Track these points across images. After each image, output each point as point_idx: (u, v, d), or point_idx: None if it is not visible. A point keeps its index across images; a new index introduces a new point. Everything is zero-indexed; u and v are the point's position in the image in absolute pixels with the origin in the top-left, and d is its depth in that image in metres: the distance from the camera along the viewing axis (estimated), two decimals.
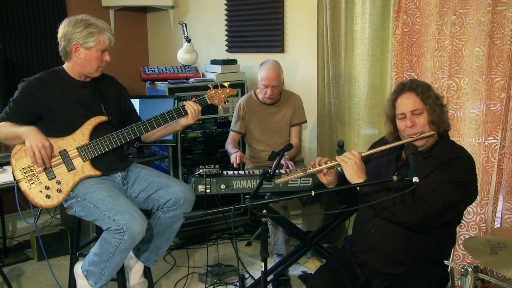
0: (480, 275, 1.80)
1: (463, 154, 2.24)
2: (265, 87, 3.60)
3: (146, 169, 2.80)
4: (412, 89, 2.26)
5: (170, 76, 4.15)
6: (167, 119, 2.73)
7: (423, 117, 2.23)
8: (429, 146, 2.26)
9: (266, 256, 2.01)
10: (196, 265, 3.70)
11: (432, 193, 2.12)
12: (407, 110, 2.24)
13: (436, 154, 2.24)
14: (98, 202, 2.47)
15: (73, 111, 2.62)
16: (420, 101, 2.23)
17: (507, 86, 2.85)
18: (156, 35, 5.26)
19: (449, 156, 2.20)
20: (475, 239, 2.33)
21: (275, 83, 3.58)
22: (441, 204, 2.11)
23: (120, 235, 2.38)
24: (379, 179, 2.18)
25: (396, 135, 2.36)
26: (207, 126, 4.16)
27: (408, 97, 2.25)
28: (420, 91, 2.25)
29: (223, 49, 4.61)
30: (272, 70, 3.56)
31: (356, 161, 2.25)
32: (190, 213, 1.97)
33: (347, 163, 2.26)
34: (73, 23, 2.56)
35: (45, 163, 2.50)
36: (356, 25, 3.57)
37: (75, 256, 2.79)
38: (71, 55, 2.61)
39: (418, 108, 2.23)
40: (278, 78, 3.59)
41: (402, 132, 2.29)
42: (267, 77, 3.56)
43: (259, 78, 3.63)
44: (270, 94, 3.61)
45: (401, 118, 2.27)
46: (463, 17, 2.97)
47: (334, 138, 3.88)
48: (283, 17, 4.16)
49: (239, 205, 1.98)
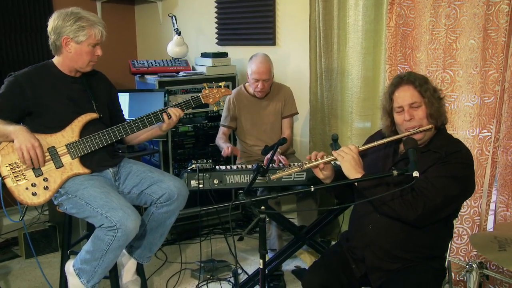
0: (486, 271, 1.77)
1: (461, 148, 2.21)
2: (255, 81, 3.56)
3: (138, 164, 2.74)
4: (410, 81, 2.23)
5: (159, 70, 4.08)
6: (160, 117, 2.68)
7: (421, 110, 2.20)
8: (426, 140, 2.24)
9: (265, 253, 1.97)
10: (188, 261, 3.65)
11: (432, 188, 2.09)
12: (405, 103, 2.21)
13: (434, 148, 2.21)
14: (90, 198, 2.41)
15: (63, 107, 2.55)
16: (418, 94, 2.20)
17: (501, 78, 2.84)
18: (145, 28, 5.18)
19: (448, 150, 2.18)
20: (481, 236, 2.31)
21: (265, 77, 3.55)
22: (440, 199, 2.08)
23: (113, 232, 2.33)
24: (378, 174, 2.15)
25: (393, 129, 2.33)
26: (198, 120, 4.10)
27: (406, 90, 2.22)
28: (418, 83, 2.21)
29: (213, 42, 4.55)
30: (262, 64, 3.52)
31: (353, 155, 2.22)
32: (187, 210, 1.92)
33: (344, 158, 2.22)
34: (63, 16, 2.48)
35: (33, 163, 2.44)
36: (349, 17, 3.54)
37: (66, 254, 2.73)
38: (62, 50, 2.54)
39: (416, 101, 2.20)
40: (268, 72, 3.56)
41: (400, 125, 2.26)
42: (258, 71, 3.52)
43: (249, 72, 3.59)
44: (261, 88, 3.58)
45: (399, 112, 2.24)
46: (457, 9, 2.95)
47: (327, 132, 3.85)
48: (274, 9, 4.11)
49: (236, 201, 1.94)
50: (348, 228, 2.49)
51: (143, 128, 2.65)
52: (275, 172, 3.08)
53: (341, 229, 3.77)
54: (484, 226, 3.04)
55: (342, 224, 3.71)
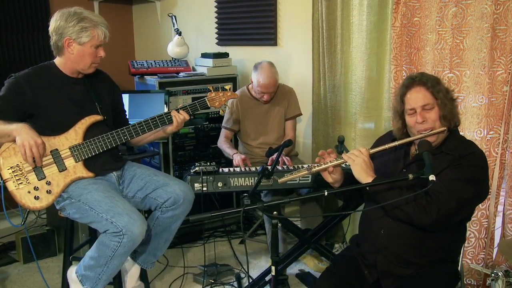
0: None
1: (475, 150, 2.16)
2: (261, 93, 3.54)
3: (142, 168, 2.68)
4: (422, 83, 2.18)
5: (159, 70, 4.02)
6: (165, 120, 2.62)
7: (434, 112, 2.15)
8: (439, 142, 2.19)
9: (278, 260, 1.91)
10: (190, 265, 3.59)
11: (446, 191, 2.04)
12: (418, 105, 2.16)
13: (447, 151, 2.16)
14: (94, 203, 2.35)
15: (65, 109, 2.48)
16: (430, 95, 2.16)
17: (510, 79, 2.81)
18: (143, 28, 5.11)
19: (461, 152, 2.13)
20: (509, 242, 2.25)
21: (272, 90, 3.54)
22: (455, 202, 2.03)
23: (119, 238, 2.27)
24: (393, 178, 2.08)
25: (404, 131, 2.28)
26: (198, 121, 4.04)
27: (418, 91, 2.17)
28: (431, 84, 2.17)
29: (213, 42, 4.49)
30: (269, 79, 3.48)
31: (364, 158, 2.17)
32: (197, 216, 1.85)
33: (354, 161, 2.17)
34: (66, 17, 2.41)
35: (36, 161, 2.37)
36: (352, 17, 3.48)
37: (68, 260, 2.65)
38: (63, 51, 2.47)
39: (429, 103, 2.15)
40: (275, 84, 3.54)
41: (412, 128, 2.20)
42: (264, 85, 3.49)
43: (254, 81, 3.54)
44: (267, 99, 3.58)
45: (411, 114, 2.19)
46: (464, 9, 2.91)
47: (330, 133, 3.80)
48: (276, 8, 4.05)
49: (249, 206, 1.88)
50: (359, 232, 2.44)
51: (149, 131, 2.59)
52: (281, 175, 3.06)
53: (346, 232, 3.72)
54: (492, 228, 3.00)
55: (348, 227, 3.65)
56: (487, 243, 3.01)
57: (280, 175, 3.04)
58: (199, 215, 1.85)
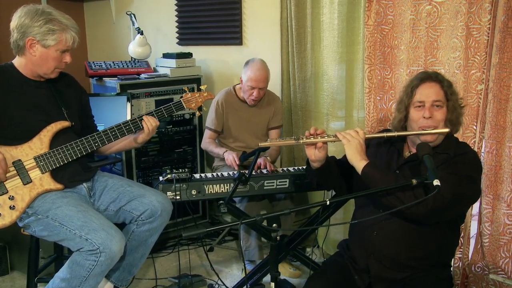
0: None
1: (468, 151, 2.15)
2: (251, 88, 3.39)
3: (114, 178, 2.48)
4: (438, 80, 2.15)
5: (119, 72, 3.78)
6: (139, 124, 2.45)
7: (442, 112, 2.11)
8: (436, 144, 2.14)
9: (277, 275, 1.78)
10: (159, 277, 3.39)
11: (442, 184, 1.97)
12: (429, 99, 2.11)
13: (441, 150, 2.13)
14: (65, 219, 2.13)
15: (29, 115, 2.25)
16: (444, 94, 2.12)
17: (484, 78, 2.80)
18: (96, 27, 4.82)
19: (456, 151, 2.11)
20: None
21: (263, 85, 3.39)
22: (450, 195, 1.96)
23: (96, 256, 2.06)
24: (397, 183, 1.97)
25: (403, 125, 2.22)
26: (162, 125, 3.83)
27: (433, 86, 2.13)
28: (446, 84, 2.14)
29: (173, 41, 4.29)
30: (260, 72, 3.34)
31: (360, 140, 2.11)
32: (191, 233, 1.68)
33: (350, 142, 2.10)
34: (32, 15, 2.19)
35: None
36: (323, 15, 3.41)
37: (33, 282, 2.41)
38: (24, 51, 2.24)
39: (441, 100, 2.11)
40: (266, 80, 3.40)
41: (414, 122, 2.14)
42: (255, 78, 3.34)
43: (244, 78, 3.39)
44: (256, 96, 3.41)
45: (418, 106, 2.13)
46: (438, 7, 2.89)
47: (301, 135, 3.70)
48: (240, 6, 3.92)
49: (246, 219, 1.74)
50: (349, 235, 2.35)
51: (122, 137, 2.39)
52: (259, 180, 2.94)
53: (317, 235, 3.65)
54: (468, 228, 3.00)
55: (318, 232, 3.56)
56: (463, 242, 3.01)
57: (258, 180, 2.93)
58: (194, 232, 1.68)
